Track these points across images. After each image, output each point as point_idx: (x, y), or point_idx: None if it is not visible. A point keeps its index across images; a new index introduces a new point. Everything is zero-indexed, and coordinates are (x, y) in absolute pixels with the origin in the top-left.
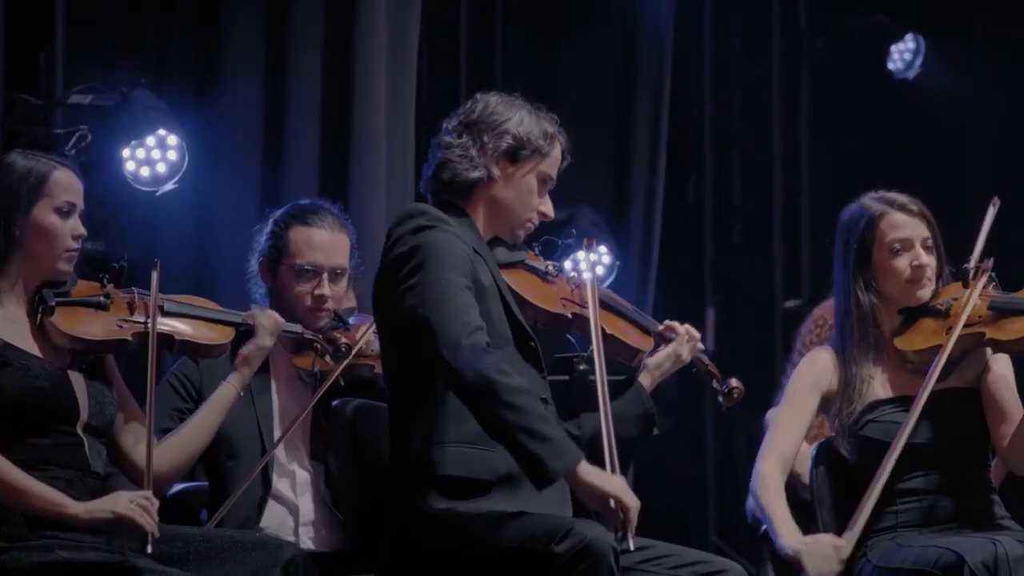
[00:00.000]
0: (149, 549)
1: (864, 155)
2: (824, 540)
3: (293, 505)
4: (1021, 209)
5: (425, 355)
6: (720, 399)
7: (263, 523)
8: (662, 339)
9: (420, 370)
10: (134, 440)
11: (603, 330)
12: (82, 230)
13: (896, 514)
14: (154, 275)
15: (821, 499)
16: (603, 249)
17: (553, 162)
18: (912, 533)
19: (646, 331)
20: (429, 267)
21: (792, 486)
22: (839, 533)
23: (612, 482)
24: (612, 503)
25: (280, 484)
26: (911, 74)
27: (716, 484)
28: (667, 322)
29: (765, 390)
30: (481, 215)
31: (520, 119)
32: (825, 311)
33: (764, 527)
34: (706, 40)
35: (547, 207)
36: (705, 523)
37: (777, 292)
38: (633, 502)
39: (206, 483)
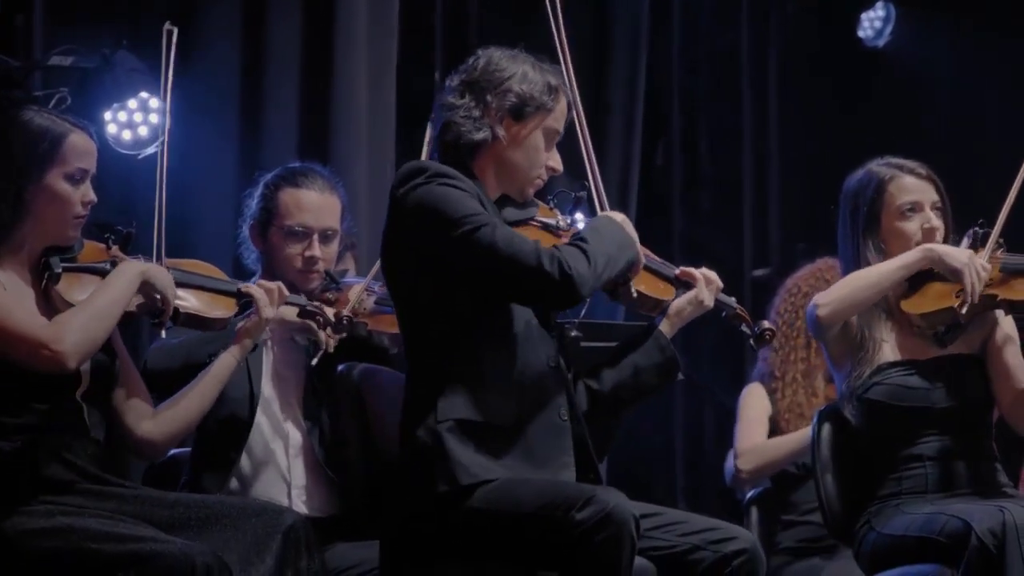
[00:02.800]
0: None
1: (833, 122)
2: (977, 259)
3: (285, 468)
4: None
5: (506, 295)
6: (751, 342)
7: (256, 487)
8: (681, 285)
9: (436, 326)
10: (136, 417)
11: None
12: (92, 196)
13: (900, 480)
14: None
15: (825, 464)
16: (579, 216)
17: (559, 116)
18: (917, 500)
19: (668, 280)
20: (454, 222)
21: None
22: (841, 499)
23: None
24: None
25: (274, 445)
26: (881, 42)
27: (683, 453)
28: (682, 268)
29: (733, 361)
30: (489, 175)
31: (523, 75)
32: (799, 280)
33: (749, 494)
34: (675, 5)
35: (555, 161)
36: (673, 491)
37: (746, 260)
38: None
39: (189, 449)
